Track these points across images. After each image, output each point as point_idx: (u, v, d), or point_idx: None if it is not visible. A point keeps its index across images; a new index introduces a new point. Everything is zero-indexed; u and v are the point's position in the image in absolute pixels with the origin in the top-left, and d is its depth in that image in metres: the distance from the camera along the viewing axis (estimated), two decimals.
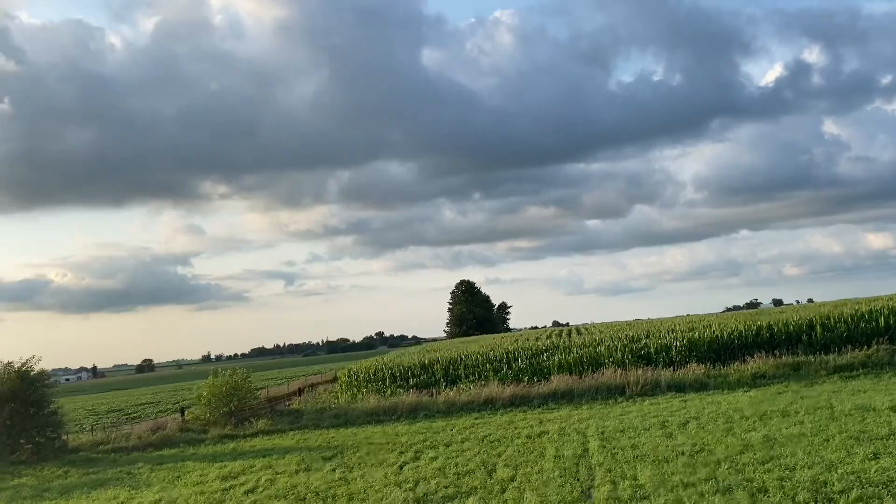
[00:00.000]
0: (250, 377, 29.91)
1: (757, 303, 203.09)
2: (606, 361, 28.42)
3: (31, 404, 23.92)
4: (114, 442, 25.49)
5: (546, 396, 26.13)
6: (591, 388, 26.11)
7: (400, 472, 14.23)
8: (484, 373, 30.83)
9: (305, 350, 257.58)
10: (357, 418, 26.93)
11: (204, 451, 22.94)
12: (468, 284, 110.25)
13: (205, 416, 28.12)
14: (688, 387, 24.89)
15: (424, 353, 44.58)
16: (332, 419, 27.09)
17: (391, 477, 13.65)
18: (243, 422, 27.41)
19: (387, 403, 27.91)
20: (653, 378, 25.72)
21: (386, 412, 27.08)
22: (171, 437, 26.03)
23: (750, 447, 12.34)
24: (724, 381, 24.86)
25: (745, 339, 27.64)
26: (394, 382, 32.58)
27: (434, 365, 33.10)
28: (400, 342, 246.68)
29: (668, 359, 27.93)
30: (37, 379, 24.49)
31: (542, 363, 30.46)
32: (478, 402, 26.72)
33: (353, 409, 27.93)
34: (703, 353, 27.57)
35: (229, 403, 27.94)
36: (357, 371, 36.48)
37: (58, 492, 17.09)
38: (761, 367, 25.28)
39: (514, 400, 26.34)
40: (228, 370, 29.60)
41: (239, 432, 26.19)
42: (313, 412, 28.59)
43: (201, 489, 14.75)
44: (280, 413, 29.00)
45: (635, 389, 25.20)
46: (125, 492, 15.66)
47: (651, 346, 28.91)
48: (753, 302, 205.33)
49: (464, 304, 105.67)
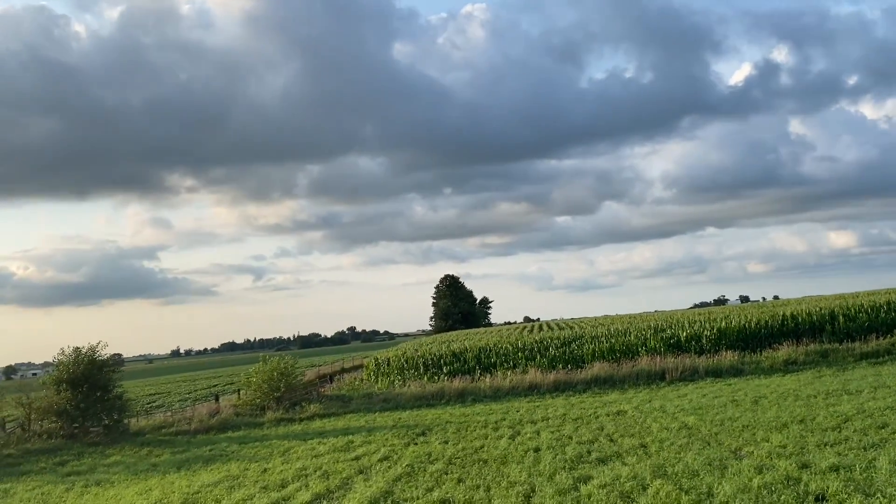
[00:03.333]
0: (297, 364, 30.80)
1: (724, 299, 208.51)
2: (640, 350, 29.96)
3: (99, 388, 24.56)
4: (177, 425, 26.23)
5: (588, 382, 27.57)
6: (630, 375, 27.63)
7: (519, 442, 15.45)
8: (517, 361, 32.16)
9: (277, 345, 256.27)
10: (406, 402, 28.06)
11: (277, 431, 23.82)
12: (452, 279, 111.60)
13: (256, 401, 28.95)
14: (724, 372, 26.55)
15: (448, 343, 45.78)
16: (382, 403, 28.19)
17: (517, 446, 14.86)
18: (294, 406, 28.35)
19: (433, 389, 29.11)
20: (690, 365, 27.33)
21: (434, 396, 28.28)
22: (230, 421, 26.85)
23: (850, 418, 13.82)
24: (759, 367, 26.58)
25: (771, 328, 29.40)
26: (427, 371, 33.75)
27: (466, 353, 34.33)
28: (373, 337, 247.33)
29: (698, 347, 29.56)
30: (104, 364, 25.12)
31: (574, 352, 31.90)
32: (522, 387, 28.09)
33: (401, 395, 29.03)
34: (732, 341, 29.27)
35: (279, 388, 28.83)
36: (386, 359, 37.60)
37: (161, 469, 17.83)
38: (791, 355, 27.05)
39: (558, 385, 27.74)
40: (275, 357, 30.49)
41: (293, 416, 27.10)
42: (361, 397, 29.63)
43: (334, 458, 15.73)
44: (328, 398, 29.96)
45: (675, 375, 26.78)
46: (248, 465, 16.55)
47: (681, 335, 30.51)
48: (721, 298, 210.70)
49: (448, 299, 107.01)
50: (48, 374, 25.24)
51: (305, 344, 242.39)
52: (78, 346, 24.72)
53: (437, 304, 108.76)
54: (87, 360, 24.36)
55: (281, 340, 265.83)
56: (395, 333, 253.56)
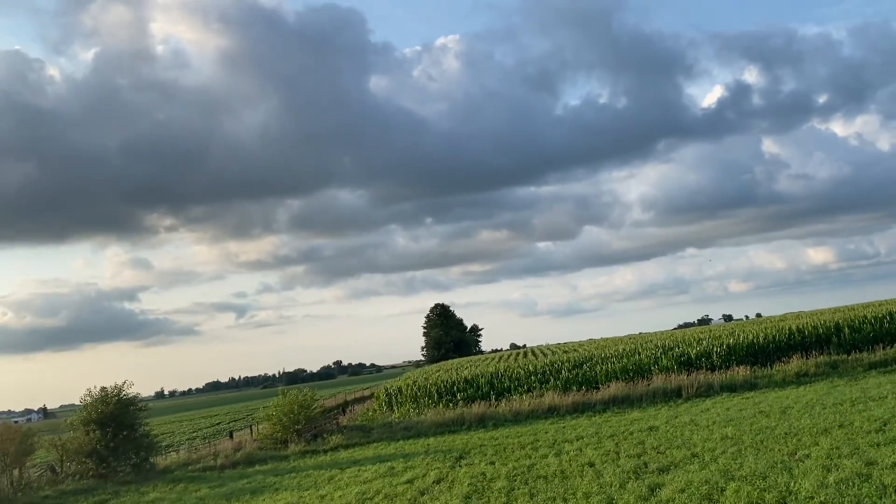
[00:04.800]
0: (316, 396, 31.02)
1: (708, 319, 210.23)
2: (653, 369, 30.58)
3: (126, 427, 24.65)
4: (203, 461, 26.32)
5: (607, 402, 28.07)
6: (647, 393, 28.18)
7: (568, 459, 15.93)
8: (531, 385, 32.61)
9: (262, 382, 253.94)
10: (427, 430, 28.35)
11: (306, 462, 24.01)
12: (443, 308, 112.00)
13: (276, 434, 29.09)
14: (739, 387, 27.21)
15: (456, 370, 46.10)
16: (403, 431, 28.46)
17: (569, 462, 15.33)
18: (315, 438, 28.55)
19: (452, 415, 29.45)
20: (705, 381, 27.99)
21: (454, 423, 28.61)
22: (255, 455, 26.97)
23: (888, 421, 14.50)
24: (772, 381, 27.29)
25: (779, 342, 30.20)
26: (441, 398, 34.05)
27: (479, 379, 34.73)
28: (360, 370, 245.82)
29: (709, 363, 30.26)
30: (130, 402, 25.24)
31: (587, 373, 32.44)
32: (541, 409, 28.52)
33: (421, 422, 29.32)
34: (742, 356, 30.00)
35: (300, 421, 29.02)
36: (397, 389, 37.88)
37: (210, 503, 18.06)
38: (802, 367, 27.82)
39: (577, 406, 28.20)
40: (294, 390, 30.70)
41: (317, 447, 27.29)
42: (381, 427, 29.86)
43: (386, 483, 16.09)
44: (349, 429, 30.17)
45: (691, 392, 27.40)
46: (300, 493, 16.85)
47: (692, 352, 31.20)
48: (705, 318, 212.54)
49: (440, 328, 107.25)
50: (75, 415, 25.27)
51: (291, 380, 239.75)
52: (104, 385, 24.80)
53: (429, 334, 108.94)
54: (115, 400, 24.46)
55: (266, 378, 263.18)
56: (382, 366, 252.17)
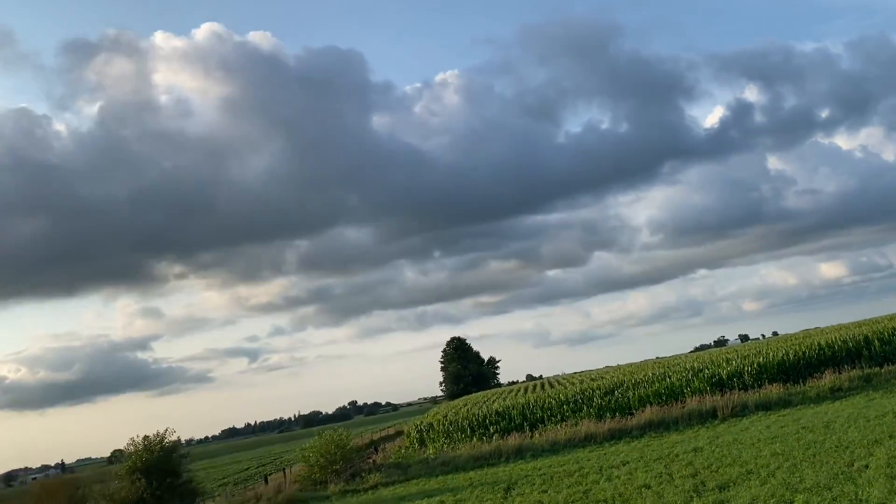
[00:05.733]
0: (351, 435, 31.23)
1: (724, 340, 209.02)
2: (685, 391, 30.71)
3: (170, 474, 24.92)
4: None
5: (643, 427, 28.17)
6: (683, 416, 28.28)
7: (621, 482, 16.15)
8: (564, 414, 32.73)
9: (279, 426, 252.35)
10: (465, 464, 28.44)
11: (350, 501, 24.19)
12: (459, 341, 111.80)
13: (314, 475, 29.24)
14: (773, 405, 27.31)
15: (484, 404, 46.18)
16: (441, 467, 28.56)
17: (624, 486, 15.56)
18: (354, 477, 28.70)
19: (489, 448, 29.57)
20: (739, 401, 28.11)
21: (492, 455, 28.72)
22: (296, 497, 27.17)
23: None
24: (806, 397, 27.39)
25: (809, 358, 30.34)
26: (474, 432, 34.16)
27: (511, 411, 34.85)
28: (376, 410, 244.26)
29: (741, 383, 30.38)
30: (173, 449, 25.54)
31: (619, 400, 32.55)
32: (578, 438, 28.63)
33: (458, 457, 29.43)
34: (773, 374, 30.13)
35: (337, 461, 29.20)
36: (428, 425, 37.99)
37: None
38: (836, 382, 27.94)
39: (613, 433, 28.30)
40: (328, 430, 30.93)
41: (357, 486, 27.43)
42: (418, 463, 29.98)
43: None
44: (386, 467, 30.29)
45: (726, 412, 27.49)
46: None
47: (722, 373, 31.33)
48: (721, 339, 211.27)
49: (458, 362, 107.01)
50: (120, 464, 25.57)
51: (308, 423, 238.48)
52: (147, 434, 25.13)
53: (447, 368, 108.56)
54: (158, 448, 24.77)
55: (282, 422, 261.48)
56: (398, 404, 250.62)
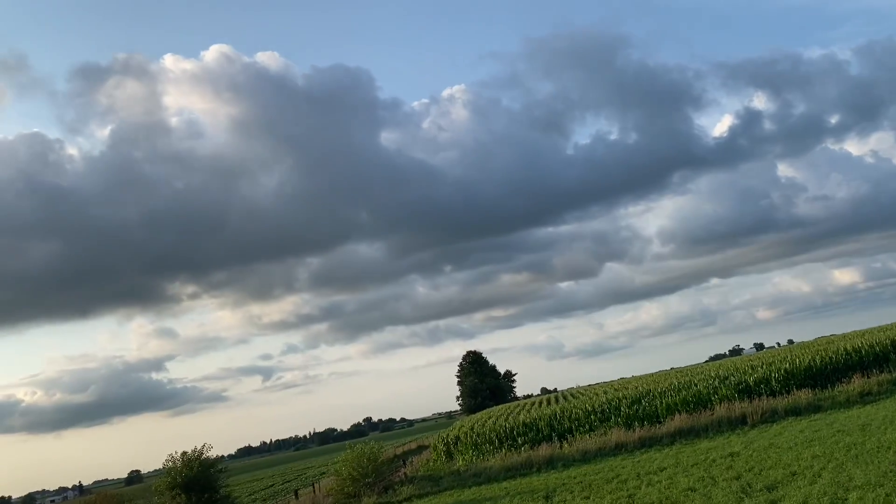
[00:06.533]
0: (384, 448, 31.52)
1: (739, 349, 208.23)
2: (713, 398, 30.89)
3: (209, 489, 25.30)
4: None
5: (673, 434, 28.36)
6: (712, 423, 28.46)
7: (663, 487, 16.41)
8: (592, 424, 32.94)
9: (294, 444, 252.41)
10: (497, 475, 28.68)
11: None
12: (475, 355, 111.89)
13: (346, 489, 29.51)
14: (803, 410, 27.47)
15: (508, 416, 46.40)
16: (473, 478, 28.81)
17: (669, 490, 15.83)
18: (387, 490, 28.96)
19: (519, 459, 29.81)
20: (769, 407, 28.28)
21: (523, 466, 28.97)
22: None
23: None
24: (835, 402, 27.54)
25: (836, 363, 30.50)
26: (502, 444, 34.40)
27: (538, 422, 35.09)
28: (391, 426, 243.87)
29: (769, 389, 30.54)
30: (211, 465, 25.93)
31: (646, 409, 32.74)
32: (609, 447, 28.83)
33: (489, 468, 29.67)
34: (801, 380, 30.29)
35: (370, 474, 29.47)
36: (455, 438, 38.27)
37: None
38: (865, 386, 28.09)
39: (644, 441, 28.50)
40: (360, 444, 31.24)
41: (390, 499, 27.73)
42: (449, 475, 30.24)
43: None
44: (419, 479, 30.55)
45: (756, 418, 27.67)
46: None
47: (749, 379, 31.51)
48: (736, 349, 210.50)
49: (474, 376, 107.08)
50: (160, 480, 25.97)
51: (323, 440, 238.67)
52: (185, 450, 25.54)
53: (463, 383, 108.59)
54: (197, 464, 25.16)
55: (298, 439, 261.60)
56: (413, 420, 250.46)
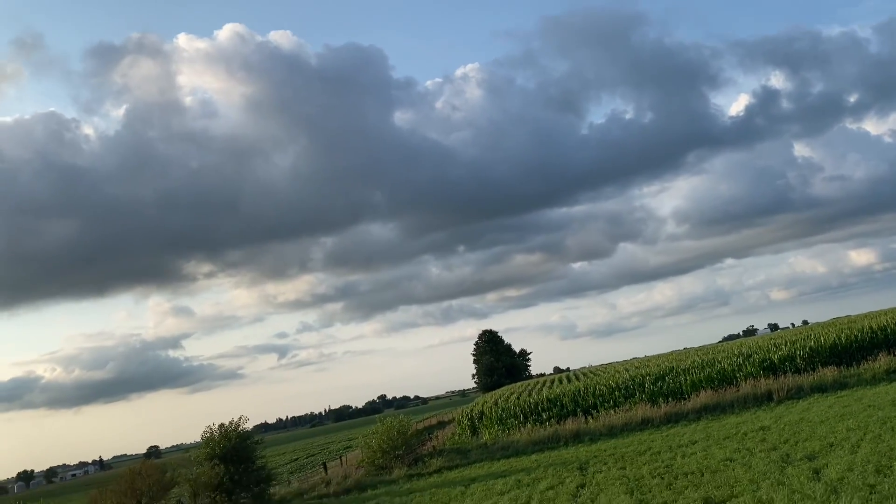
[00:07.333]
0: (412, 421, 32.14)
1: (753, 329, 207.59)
2: (738, 376, 31.22)
3: (245, 460, 25.97)
4: (317, 489, 27.51)
5: (699, 410, 28.76)
6: (738, 399, 28.82)
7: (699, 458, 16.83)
8: (617, 400, 33.37)
9: (310, 421, 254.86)
10: (524, 448, 29.26)
11: (419, 484, 25.00)
12: (491, 334, 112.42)
13: (377, 461, 30.16)
14: (829, 387, 27.78)
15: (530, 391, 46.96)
16: (501, 451, 29.37)
17: (706, 460, 16.24)
18: (416, 462, 29.59)
19: (546, 433, 30.37)
20: (794, 384, 28.60)
21: (550, 440, 29.54)
22: (363, 481, 28.11)
23: None
24: (861, 379, 27.83)
25: (861, 342, 30.72)
26: (527, 418, 34.90)
27: (563, 398, 35.57)
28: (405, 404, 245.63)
29: (793, 367, 30.82)
30: (247, 437, 26.58)
31: (670, 385, 33.12)
32: (635, 422, 29.29)
33: (516, 442, 30.24)
34: (825, 358, 30.54)
35: (400, 446, 30.11)
36: (479, 413, 38.85)
37: None
38: (891, 364, 28.32)
39: (669, 417, 28.92)
40: (389, 417, 31.88)
41: (420, 471, 28.31)
42: (477, 448, 30.82)
43: (528, 492, 17.12)
44: (447, 451, 31.17)
45: (782, 395, 28.01)
46: None
47: (774, 357, 31.80)
48: (750, 329, 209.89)
49: (490, 354, 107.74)
50: (198, 451, 26.66)
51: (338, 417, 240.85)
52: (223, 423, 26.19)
53: (479, 361, 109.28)
54: (235, 436, 25.81)
55: (313, 416, 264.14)
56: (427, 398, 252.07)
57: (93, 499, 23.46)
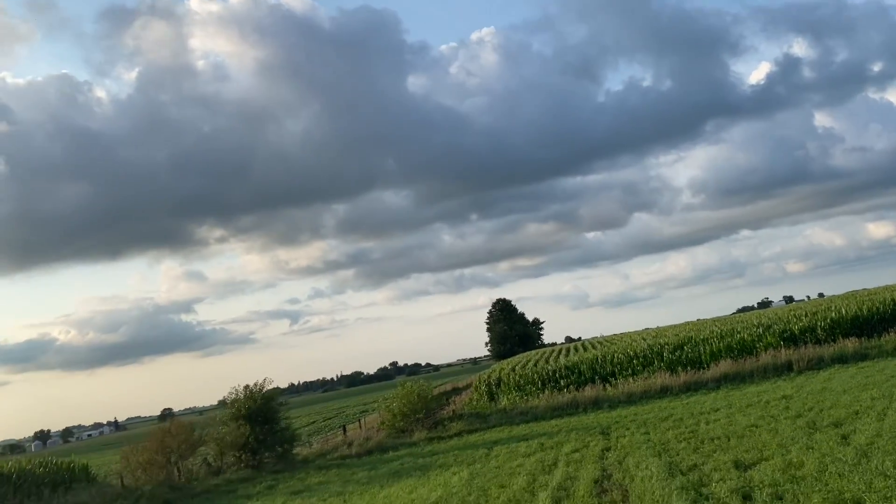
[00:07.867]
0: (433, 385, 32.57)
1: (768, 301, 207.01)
2: (758, 346, 31.34)
3: (270, 421, 26.48)
4: (340, 450, 28.06)
5: (718, 379, 28.93)
6: (757, 369, 28.96)
7: (723, 425, 17.05)
8: (635, 369, 33.62)
9: (322, 386, 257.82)
10: (543, 414, 29.62)
11: (440, 446, 25.44)
12: (504, 303, 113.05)
13: (397, 424, 30.65)
14: (849, 358, 27.86)
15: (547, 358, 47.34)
16: (520, 416, 29.74)
17: (731, 426, 16.45)
18: (436, 425, 30.05)
19: (565, 399, 30.73)
20: (815, 354, 28.70)
21: (569, 406, 29.88)
22: (385, 443, 28.60)
23: None
24: (882, 351, 27.89)
25: (883, 314, 30.71)
26: (545, 385, 35.26)
27: (581, 365, 35.88)
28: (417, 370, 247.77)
29: (814, 338, 30.89)
30: (272, 397, 27.07)
31: (689, 354, 33.30)
32: (654, 390, 29.54)
33: (535, 407, 30.60)
34: (846, 329, 30.57)
35: (421, 410, 30.56)
36: (497, 379, 39.25)
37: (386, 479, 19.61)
38: None
39: (689, 386, 29.12)
40: (410, 381, 32.33)
41: (441, 434, 28.77)
42: (497, 413, 31.22)
43: (554, 455, 17.43)
44: (467, 415, 31.61)
45: (802, 365, 28.13)
46: (470, 467, 18.27)
47: (794, 328, 31.87)
48: (765, 301, 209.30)
49: (504, 323, 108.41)
50: (223, 412, 27.21)
51: (351, 383, 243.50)
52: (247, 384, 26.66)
53: (493, 329, 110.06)
54: (260, 396, 26.28)
55: (325, 382, 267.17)
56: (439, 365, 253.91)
57: (125, 454, 24.12)
